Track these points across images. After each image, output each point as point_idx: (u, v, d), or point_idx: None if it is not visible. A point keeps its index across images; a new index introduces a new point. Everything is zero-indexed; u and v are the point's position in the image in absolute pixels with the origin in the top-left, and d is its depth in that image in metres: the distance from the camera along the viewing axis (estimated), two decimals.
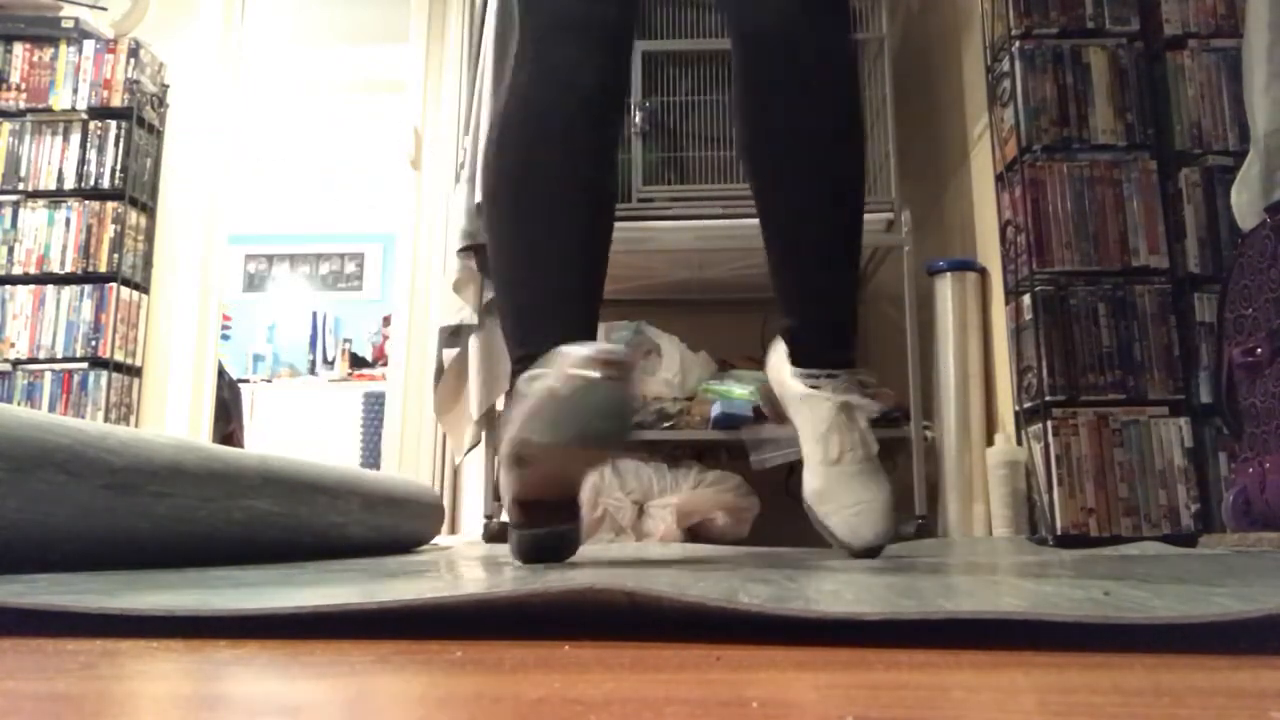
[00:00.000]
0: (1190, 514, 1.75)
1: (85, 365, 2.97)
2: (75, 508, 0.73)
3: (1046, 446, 1.81)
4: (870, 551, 1.00)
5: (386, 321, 5.28)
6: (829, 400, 1.03)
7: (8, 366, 2.97)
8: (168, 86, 3.34)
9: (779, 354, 1.13)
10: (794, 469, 2.34)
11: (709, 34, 2.33)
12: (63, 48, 3.17)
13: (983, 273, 2.29)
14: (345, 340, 5.98)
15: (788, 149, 1.05)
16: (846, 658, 0.37)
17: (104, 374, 2.96)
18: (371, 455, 5.15)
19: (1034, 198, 1.91)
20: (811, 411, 1.05)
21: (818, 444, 1.04)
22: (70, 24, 3.19)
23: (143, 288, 3.17)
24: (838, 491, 1.02)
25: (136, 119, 3.12)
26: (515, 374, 0.95)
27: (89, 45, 3.17)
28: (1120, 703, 0.28)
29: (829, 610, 0.40)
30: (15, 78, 3.15)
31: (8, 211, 3.07)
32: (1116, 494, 1.77)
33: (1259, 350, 1.44)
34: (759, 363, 2.46)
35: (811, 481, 1.04)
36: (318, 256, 6.23)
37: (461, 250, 2.19)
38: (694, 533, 2.11)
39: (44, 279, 3.03)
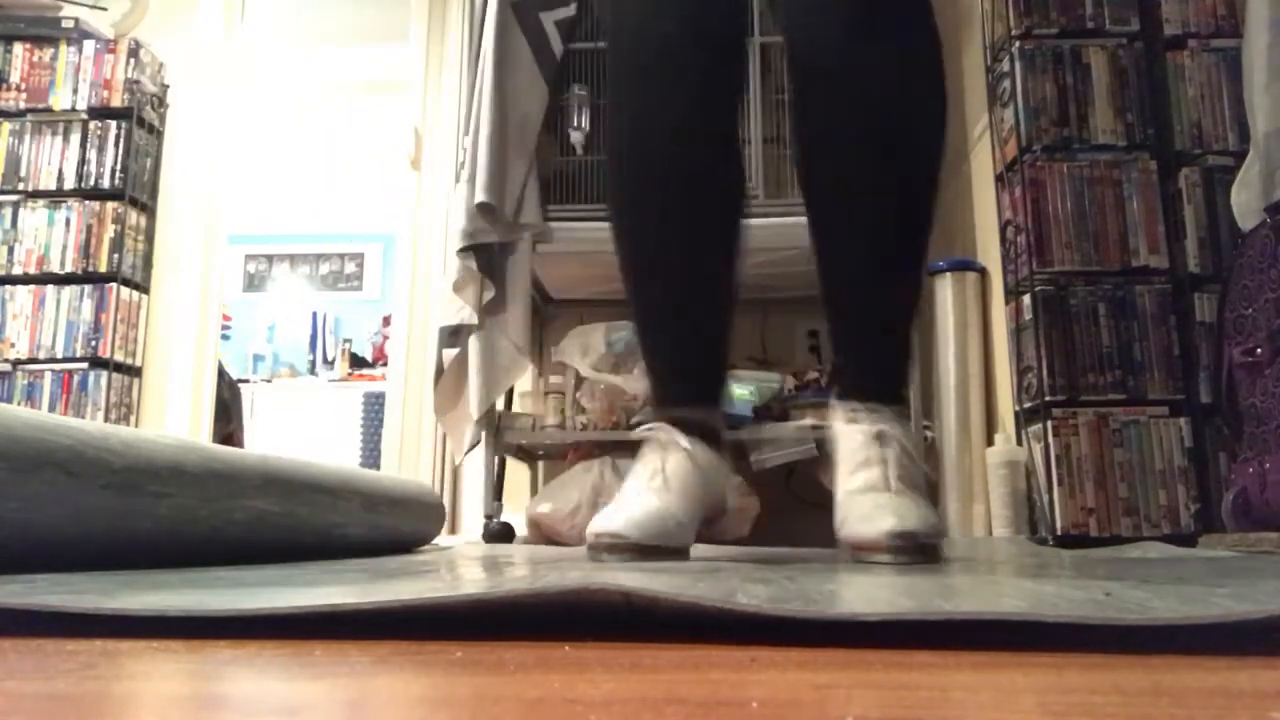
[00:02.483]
0: (1190, 514, 1.75)
1: (85, 365, 2.96)
2: (76, 508, 0.74)
3: (1046, 446, 1.81)
4: (891, 547, 0.86)
5: (386, 321, 5.28)
6: (863, 431, 0.97)
7: (8, 366, 2.97)
8: (168, 86, 3.34)
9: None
10: (794, 469, 2.35)
11: None
12: (63, 48, 3.17)
13: (983, 273, 2.29)
14: (345, 340, 5.98)
15: (837, 181, 1.01)
16: (846, 658, 0.37)
17: (104, 374, 2.96)
18: (371, 455, 5.15)
19: (1034, 198, 1.91)
20: (845, 442, 0.99)
21: (845, 472, 0.97)
22: (70, 24, 3.19)
23: (143, 288, 3.16)
24: (852, 505, 0.94)
25: (136, 119, 3.12)
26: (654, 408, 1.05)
27: (89, 45, 3.17)
28: (1120, 703, 0.28)
29: (827, 611, 0.40)
30: (15, 78, 3.15)
31: (8, 211, 3.07)
32: (1116, 494, 1.77)
33: (1259, 350, 1.44)
34: (759, 363, 2.47)
35: (838, 511, 0.96)
36: (318, 256, 6.23)
37: (461, 250, 2.19)
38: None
39: (44, 279, 3.03)
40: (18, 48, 3.16)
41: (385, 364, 4.67)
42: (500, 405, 2.33)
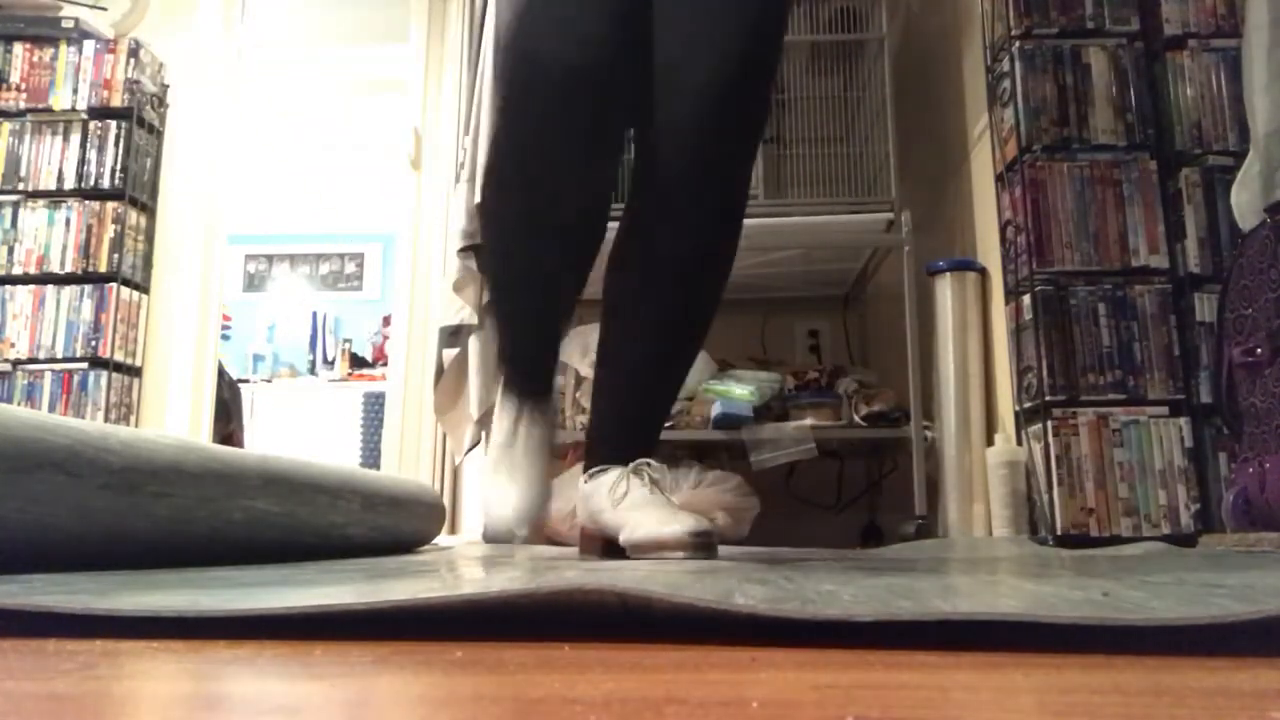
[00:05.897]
0: (1190, 514, 1.75)
1: (85, 365, 2.96)
2: (74, 508, 0.73)
3: (1046, 446, 1.81)
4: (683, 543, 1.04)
5: (386, 321, 5.28)
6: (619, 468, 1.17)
7: (8, 366, 2.97)
8: (168, 86, 3.34)
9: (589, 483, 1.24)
10: (794, 469, 2.35)
11: None
12: (63, 48, 3.16)
13: (983, 273, 2.29)
14: (345, 340, 5.98)
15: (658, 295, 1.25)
16: (846, 658, 0.37)
17: (104, 374, 2.96)
18: (371, 455, 5.15)
19: (1034, 198, 1.91)
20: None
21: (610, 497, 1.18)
22: (70, 24, 3.18)
23: (143, 288, 3.16)
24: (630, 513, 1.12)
25: (136, 119, 3.12)
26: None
27: (89, 45, 3.17)
28: (1120, 703, 0.28)
29: (823, 612, 0.40)
30: (15, 78, 3.15)
31: (8, 211, 3.07)
32: (1116, 494, 1.77)
33: (1259, 350, 1.44)
34: (759, 363, 2.47)
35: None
36: (318, 256, 6.22)
37: (461, 250, 2.19)
38: None
39: (44, 279, 3.03)
40: (18, 48, 3.16)
41: (385, 364, 4.67)
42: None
